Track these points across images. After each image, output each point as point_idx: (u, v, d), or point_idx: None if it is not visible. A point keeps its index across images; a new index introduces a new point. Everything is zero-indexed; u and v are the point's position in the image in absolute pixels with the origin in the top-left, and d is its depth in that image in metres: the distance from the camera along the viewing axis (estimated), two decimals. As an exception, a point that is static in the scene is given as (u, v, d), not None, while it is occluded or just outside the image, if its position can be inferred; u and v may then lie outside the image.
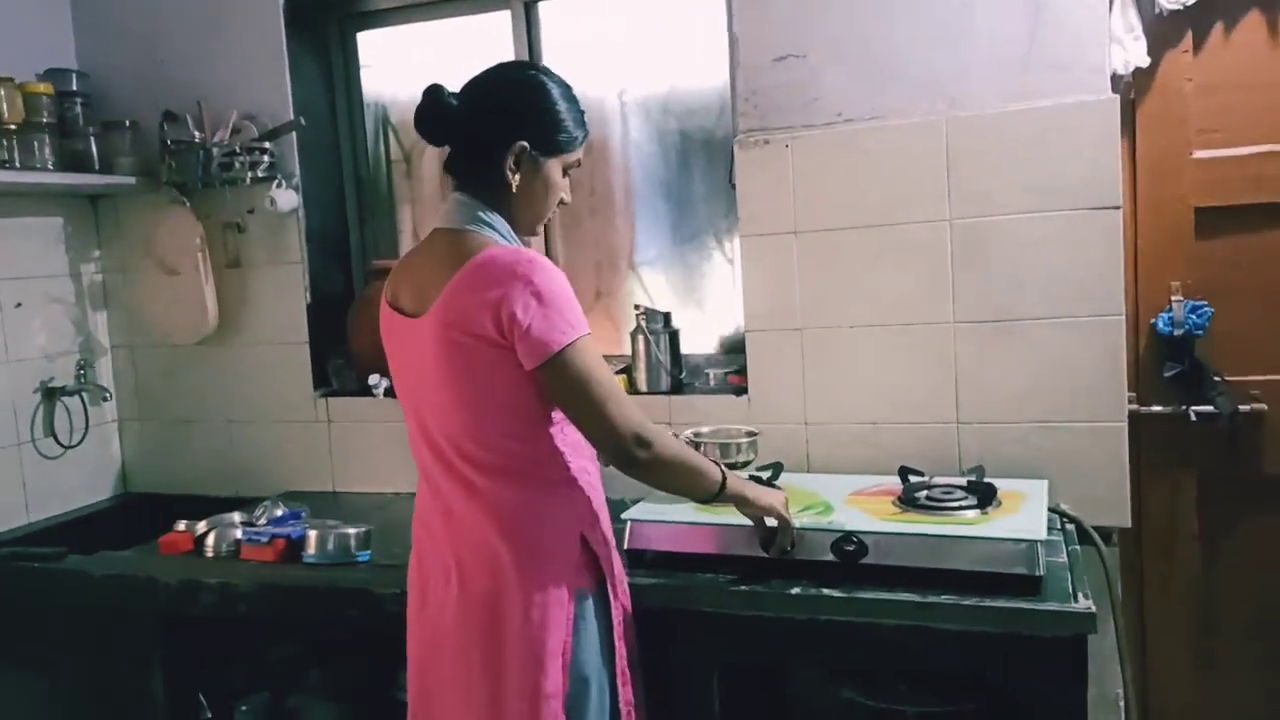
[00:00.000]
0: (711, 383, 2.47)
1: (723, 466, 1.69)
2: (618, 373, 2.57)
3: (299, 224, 2.72)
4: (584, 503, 1.61)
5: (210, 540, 2.15)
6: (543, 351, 1.48)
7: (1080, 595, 1.61)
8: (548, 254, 2.77)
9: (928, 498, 1.90)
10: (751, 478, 2.04)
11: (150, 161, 2.79)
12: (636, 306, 2.51)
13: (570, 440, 1.59)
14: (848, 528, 1.77)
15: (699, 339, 2.65)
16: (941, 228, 2.18)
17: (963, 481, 1.96)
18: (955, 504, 1.84)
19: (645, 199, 2.71)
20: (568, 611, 1.56)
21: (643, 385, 2.49)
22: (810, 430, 2.33)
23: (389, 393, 2.63)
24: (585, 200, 2.75)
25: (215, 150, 2.66)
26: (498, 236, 1.59)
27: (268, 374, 2.82)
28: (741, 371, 2.41)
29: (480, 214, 1.60)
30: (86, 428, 2.86)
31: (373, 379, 2.62)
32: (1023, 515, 1.80)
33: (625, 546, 1.92)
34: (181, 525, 2.26)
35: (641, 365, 2.49)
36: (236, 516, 2.23)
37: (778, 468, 2.11)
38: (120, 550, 2.30)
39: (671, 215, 2.68)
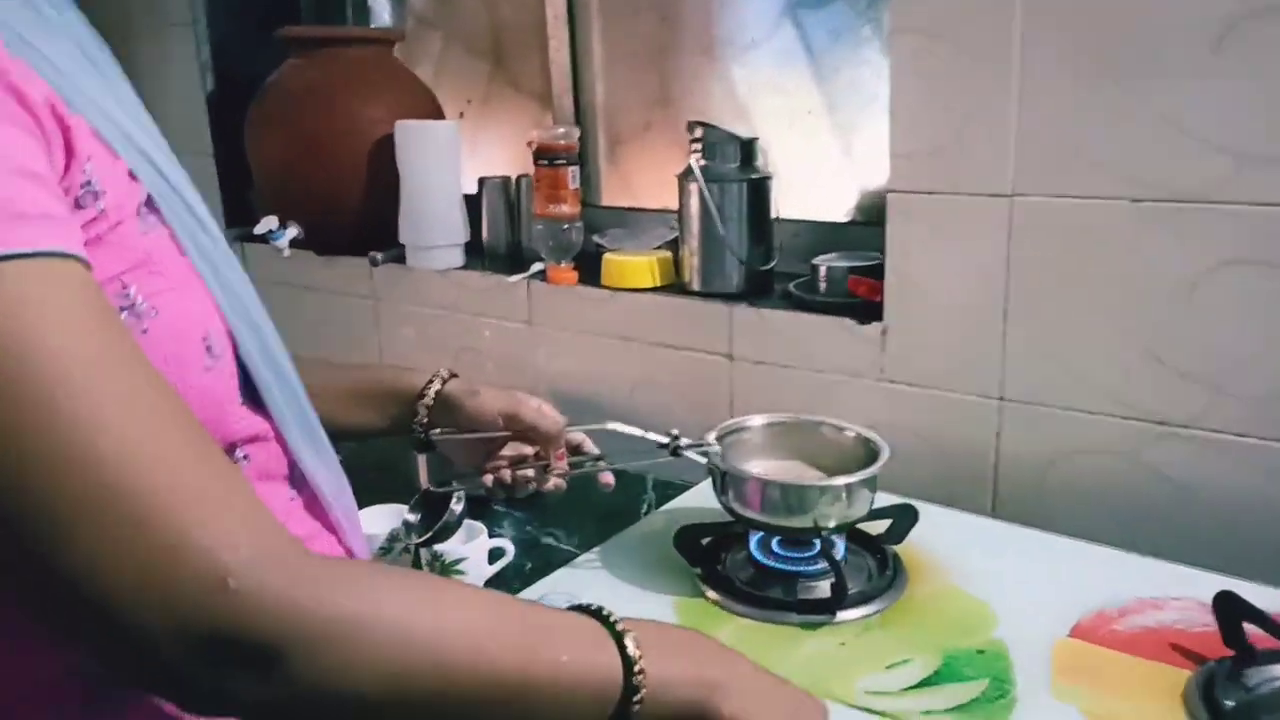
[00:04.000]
0: (822, 286, 1.26)
1: (615, 622, 0.54)
2: (656, 248, 1.41)
3: (186, -40, 1.68)
4: None
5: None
6: None
7: None
8: (571, 28, 1.57)
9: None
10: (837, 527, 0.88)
11: None
12: (692, 126, 1.31)
13: None
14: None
15: (824, 198, 1.42)
16: None
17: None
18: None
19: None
20: None
21: (693, 279, 1.32)
22: (1008, 414, 1.09)
23: (300, 244, 1.61)
24: (644, -76, 1.51)
25: None
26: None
27: (172, 200, 1.86)
28: (876, 270, 1.18)
29: None
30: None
31: (267, 223, 1.59)
32: None
33: None
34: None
35: (693, 239, 1.31)
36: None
37: (905, 516, 0.93)
38: None
39: (793, -48, 1.40)
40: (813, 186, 1.42)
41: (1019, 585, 0.88)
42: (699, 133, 1.29)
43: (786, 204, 1.38)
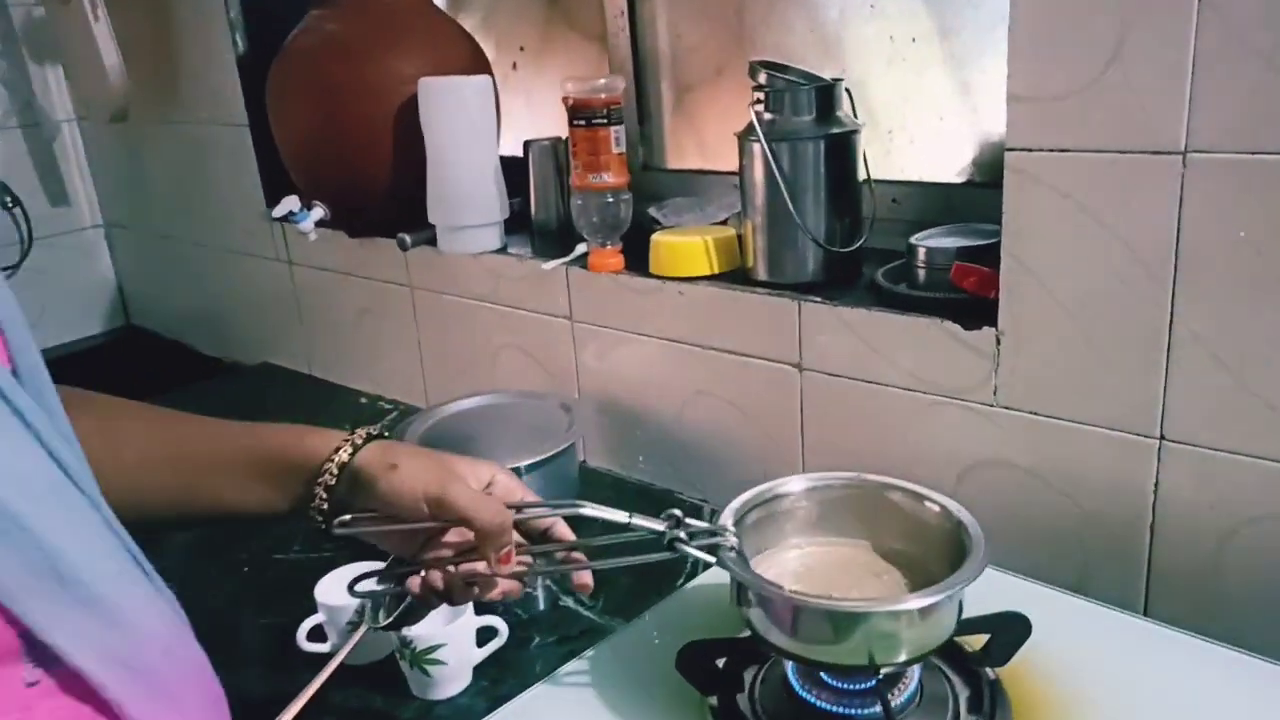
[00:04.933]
0: (920, 274, 0.97)
1: None
2: (715, 223, 1.16)
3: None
4: None
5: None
6: None
7: None
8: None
9: None
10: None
11: None
12: (754, 69, 1.02)
13: None
14: None
15: (934, 152, 1.11)
16: None
17: None
18: None
19: None
20: None
21: (758, 265, 1.05)
22: (1172, 460, 0.79)
23: (329, 224, 1.43)
24: None
25: None
26: None
27: (211, 174, 1.74)
28: (985, 254, 0.88)
29: None
30: (28, 240, 1.99)
31: (287, 204, 1.41)
32: None
33: None
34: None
35: (757, 215, 1.04)
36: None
37: (1011, 629, 0.65)
38: None
39: None
40: (918, 138, 1.12)
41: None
42: (762, 77, 1.01)
43: (885, 162, 1.09)
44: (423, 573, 0.64)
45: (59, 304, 2.08)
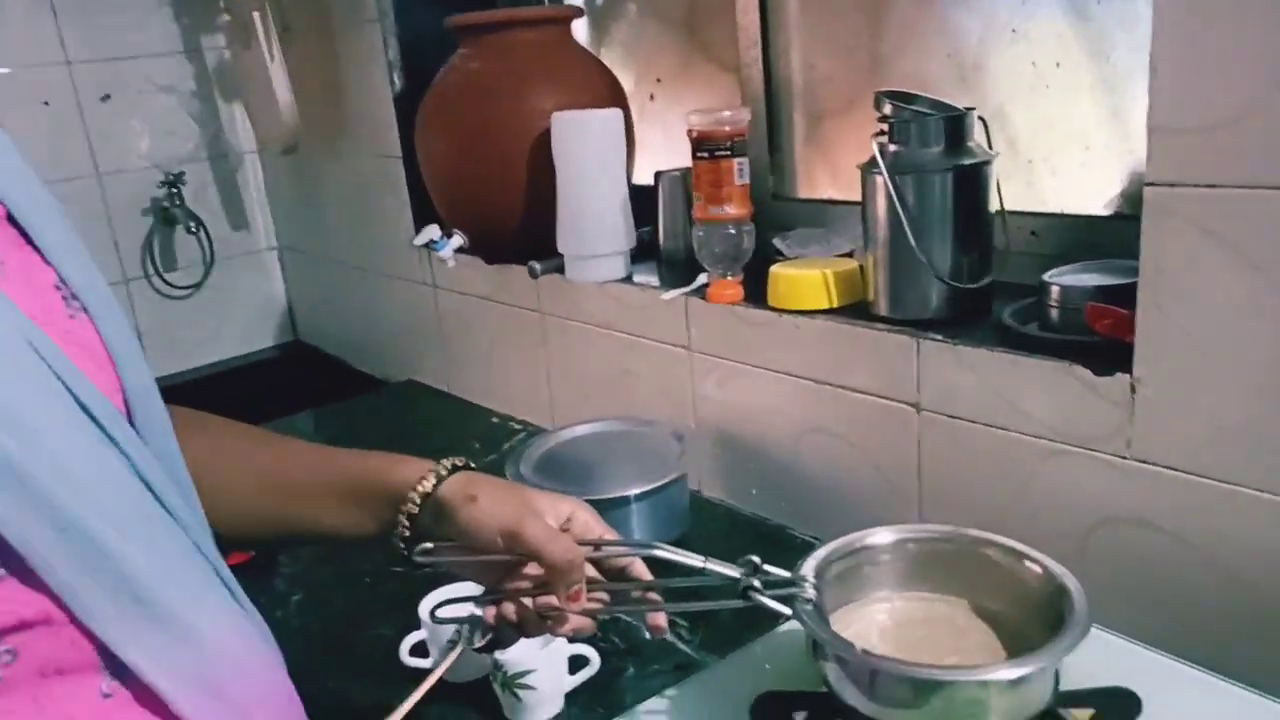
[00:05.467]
0: (1052, 313, 0.90)
1: None
2: (840, 254, 1.13)
3: (369, -49, 1.60)
4: None
5: None
6: None
7: None
8: (755, -23, 1.29)
9: None
10: None
11: None
12: (879, 100, 0.99)
13: None
14: None
15: (1078, 181, 1.05)
16: None
17: None
18: None
19: None
20: None
21: (879, 300, 1.01)
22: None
23: (468, 251, 1.49)
24: None
25: None
26: None
27: (369, 203, 1.84)
28: (1124, 294, 0.81)
29: None
30: (210, 261, 2.16)
31: (427, 234, 1.47)
32: None
33: None
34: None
35: (878, 248, 1.00)
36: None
37: (1116, 707, 0.59)
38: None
39: None
40: (1060, 168, 1.05)
41: None
42: (887, 108, 0.98)
43: (1026, 193, 1.04)
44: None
45: (237, 319, 2.24)
